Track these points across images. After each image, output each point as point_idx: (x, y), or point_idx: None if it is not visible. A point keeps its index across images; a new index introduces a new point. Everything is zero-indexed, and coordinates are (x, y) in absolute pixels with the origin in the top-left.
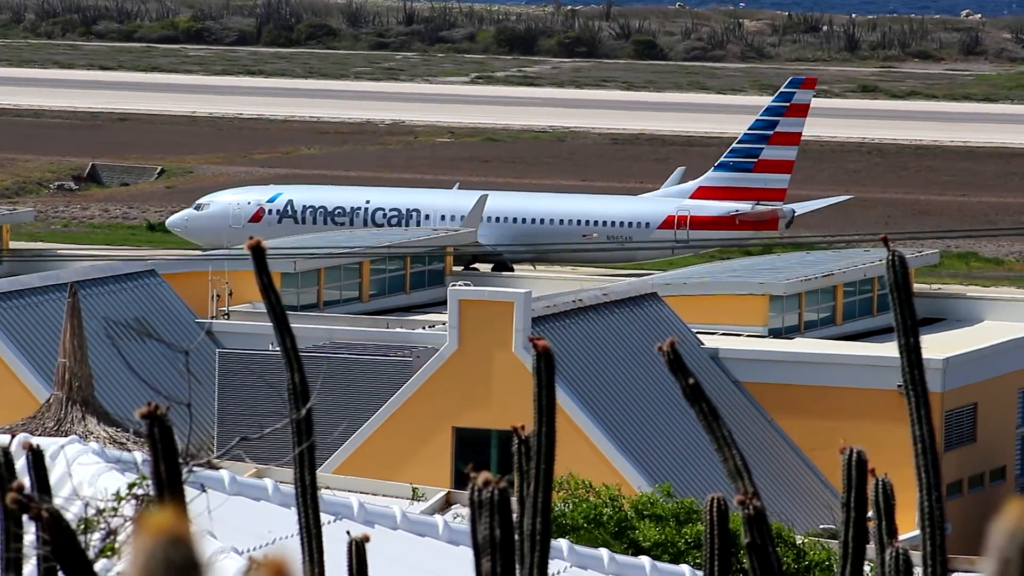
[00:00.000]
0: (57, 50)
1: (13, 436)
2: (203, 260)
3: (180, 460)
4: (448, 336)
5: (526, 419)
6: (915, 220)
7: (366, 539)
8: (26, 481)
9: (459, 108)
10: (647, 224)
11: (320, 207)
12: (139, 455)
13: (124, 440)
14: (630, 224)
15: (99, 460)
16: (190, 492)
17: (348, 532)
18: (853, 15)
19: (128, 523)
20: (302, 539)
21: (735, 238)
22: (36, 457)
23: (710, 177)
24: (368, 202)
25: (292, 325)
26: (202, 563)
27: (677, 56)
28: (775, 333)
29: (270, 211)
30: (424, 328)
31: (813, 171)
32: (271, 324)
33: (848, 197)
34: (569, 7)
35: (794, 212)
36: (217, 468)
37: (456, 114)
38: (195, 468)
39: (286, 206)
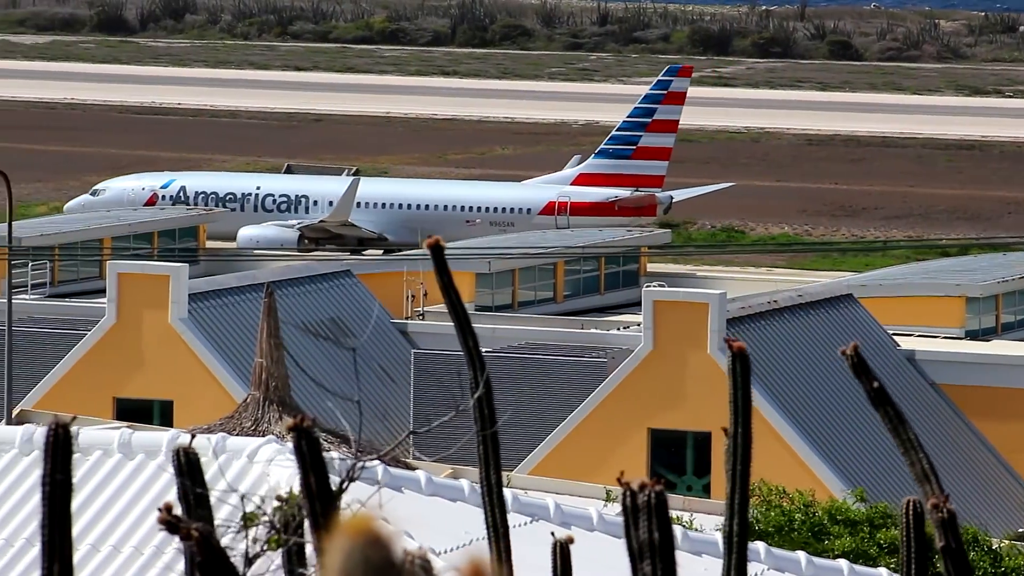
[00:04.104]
0: (253, 51)
1: (194, 436)
2: (398, 261)
3: (354, 455)
4: (643, 337)
5: (722, 420)
6: None
7: (570, 540)
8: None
9: None
10: (528, 210)
11: (212, 192)
12: (335, 454)
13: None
14: (512, 210)
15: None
16: (388, 492)
17: (552, 534)
18: None
19: (296, 520)
20: (490, 539)
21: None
22: (191, 461)
23: (591, 164)
24: (258, 188)
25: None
26: (400, 564)
27: (872, 56)
28: (972, 335)
29: (163, 197)
30: (619, 329)
31: (1011, 172)
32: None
33: (730, 184)
34: (764, 7)
35: (672, 198)
36: (413, 468)
37: None
38: (367, 464)
39: (179, 192)
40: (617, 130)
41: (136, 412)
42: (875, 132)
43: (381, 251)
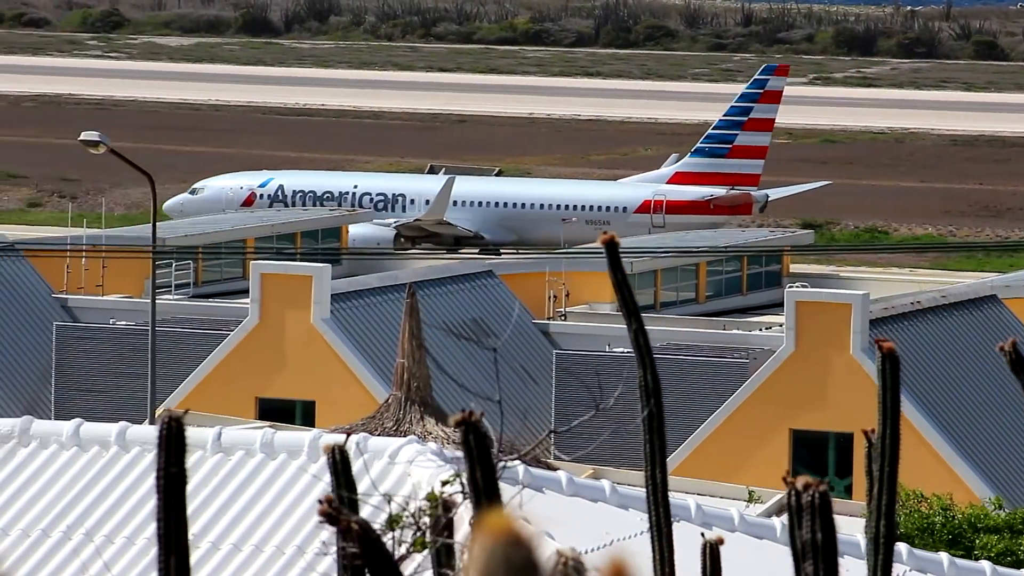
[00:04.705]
0: (396, 52)
1: (348, 435)
2: (540, 261)
3: (496, 455)
4: (785, 338)
5: (864, 422)
6: None
7: (720, 541)
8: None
9: (797, 109)
10: (624, 208)
11: (310, 191)
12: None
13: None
14: (607, 208)
15: (438, 461)
16: (528, 493)
17: (703, 534)
18: None
19: (440, 520)
20: (652, 538)
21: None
22: (345, 460)
23: (687, 162)
24: (356, 187)
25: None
26: (542, 564)
27: (1018, 56)
28: None
29: (262, 195)
30: (761, 330)
31: None
32: (623, 321)
33: (826, 183)
34: (909, 8)
35: (768, 197)
36: (554, 469)
37: (794, 115)
38: (507, 464)
39: (277, 191)
40: (713, 128)
41: (278, 412)
42: (1020, 132)
43: (477, 250)
